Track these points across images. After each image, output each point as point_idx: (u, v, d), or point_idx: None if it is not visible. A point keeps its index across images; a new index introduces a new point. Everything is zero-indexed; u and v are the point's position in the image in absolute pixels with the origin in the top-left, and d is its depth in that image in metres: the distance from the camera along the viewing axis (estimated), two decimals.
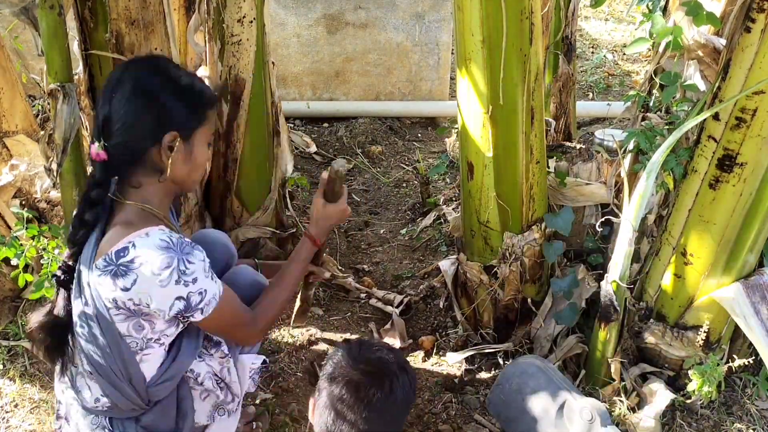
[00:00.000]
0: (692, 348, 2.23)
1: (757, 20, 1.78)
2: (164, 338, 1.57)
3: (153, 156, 1.48)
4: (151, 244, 1.42)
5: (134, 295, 1.44)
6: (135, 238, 1.43)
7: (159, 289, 1.43)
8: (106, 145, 1.45)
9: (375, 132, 4.40)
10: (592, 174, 2.66)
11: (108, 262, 1.43)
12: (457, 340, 2.60)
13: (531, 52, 2.08)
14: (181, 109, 1.49)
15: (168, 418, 1.66)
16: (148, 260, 1.41)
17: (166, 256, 1.42)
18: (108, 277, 1.43)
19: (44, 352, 1.61)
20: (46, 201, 2.54)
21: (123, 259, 1.41)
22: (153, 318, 1.50)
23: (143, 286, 1.42)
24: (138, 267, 1.41)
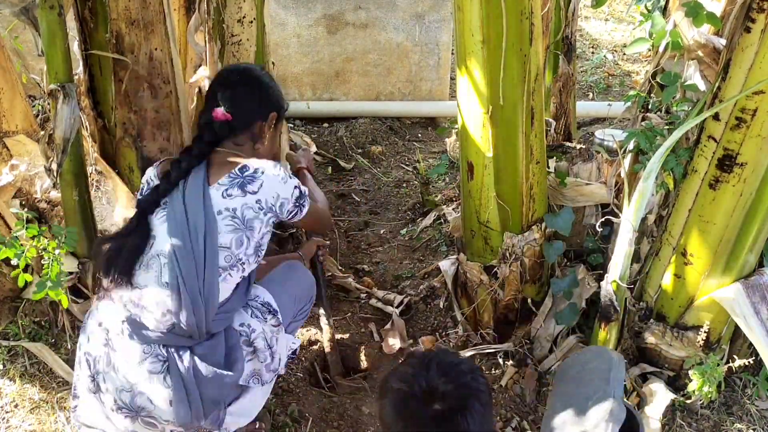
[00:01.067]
0: (692, 348, 2.23)
1: (757, 20, 1.78)
2: (247, 264, 1.82)
3: (257, 127, 1.94)
4: (261, 161, 1.85)
5: (261, 197, 1.79)
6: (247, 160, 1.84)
7: (282, 185, 1.83)
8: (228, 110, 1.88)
9: (375, 132, 4.40)
10: (592, 174, 2.66)
11: (234, 176, 1.79)
12: (457, 340, 2.60)
13: (531, 52, 2.08)
14: (282, 100, 2.04)
15: (218, 354, 1.79)
16: (267, 168, 1.82)
17: (276, 165, 1.86)
18: (236, 188, 1.78)
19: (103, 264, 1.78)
20: (46, 201, 2.54)
21: (247, 172, 1.80)
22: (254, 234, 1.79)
23: (269, 187, 1.80)
24: (262, 174, 1.80)
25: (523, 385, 2.42)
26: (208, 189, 1.78)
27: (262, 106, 1.96)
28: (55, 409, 2.31)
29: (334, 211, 3.58)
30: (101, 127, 2.50)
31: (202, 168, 1.83)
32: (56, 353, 2.46)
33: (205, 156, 1.87)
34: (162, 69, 2.39)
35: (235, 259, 1.78)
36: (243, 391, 1.87)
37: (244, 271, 1.83)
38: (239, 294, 1.86)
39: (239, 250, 1.77)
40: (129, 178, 2.55)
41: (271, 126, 1.98)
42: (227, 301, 1.81)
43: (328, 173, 3.99)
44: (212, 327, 1.78)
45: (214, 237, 1.74)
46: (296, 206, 1.90)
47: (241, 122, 1.91)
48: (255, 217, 1.78)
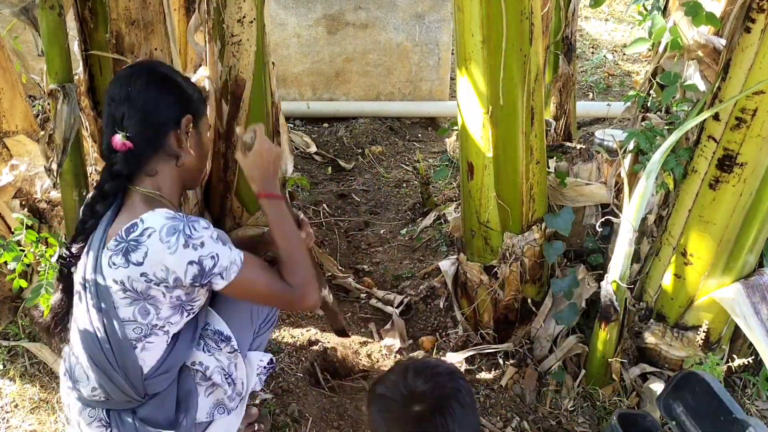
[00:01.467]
0: (692, 348, 2.23)
1: (757, 20, 1.78)
2: (169, 326, 1.59)
3: (171, 141, 1.59)
4: (157, 216, 1.49)
5: (148, 269, 1.47)
6: (143, 215, 1.50)
7: (169, 257, 1.46)
8: (127, 136, 1.54)
9: (375, 132, 4.40)
10: (592, 174, 2.66)
11: (119, 240, 1.48)
12: (457, 341, 2.60)
13: (531, 52, 2.08)
14: (191, 95, 1.64)
15: (166, 411, 1.66)
16: (155, 229, 1.46)
17: (172, 224, 1.47)
18: (120, 256, 1.47)
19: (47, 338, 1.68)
20: (46, 201, 2.54)
21: (133, 234, 1.47)
22: (159, 303, 1.53)
23: (155, 257, 1.46)
24: (147, 239, 1.46)
25: (523, 385, 2.42)
26: (102, 254, 1.51)
27: (167, 115, 1.58)
28: (55, 409, 2.31)
29: (334, 211, 3.58)
30: (101, 127, 2.50)
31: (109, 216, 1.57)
32: (56, 353, 2.46)
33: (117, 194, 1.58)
34: None
35: (148, 327, 1.55)
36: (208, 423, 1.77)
37: (169, 333, 1.61)
38: (180, 348, 1.66)
39: (147, 319, 1.54)
40: None
41: (188, 131, 1.61)
42: (162, 362, 1.62)
43: (328, 173, 3.99)
44: (150, 389, 1.64)
45: (111, 316, 1.52)
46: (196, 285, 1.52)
47: (148, 146, 1.57)
48: (149, 288, 1.50)
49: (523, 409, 2.36)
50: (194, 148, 1.64)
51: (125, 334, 1.54)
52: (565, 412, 2.32)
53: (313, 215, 3.52)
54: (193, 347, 1.70)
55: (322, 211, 3.55)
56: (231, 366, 1.76)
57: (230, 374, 1.76)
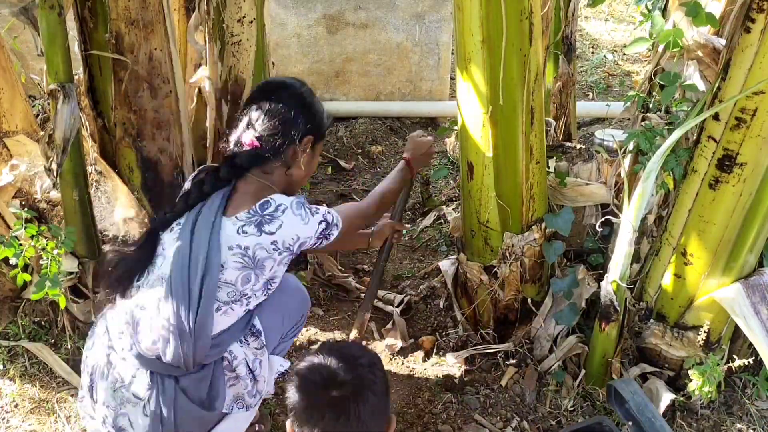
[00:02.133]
0: (692, 348, 2.23)
1: (756, 20, 1.77)
2: (253, 299, 1.77)
3: (290, 152, 1.82)
4: (283, 197, 1.75)
5: (278, 238, 1.69)
6: (270, 195, 1.74)
7: (303, 227, 1.73)
8: (258, 136, 1.78)
9: (375, 132, 4.40)
10: (592, 174, 2.66)
11: (252, 213, 1.70)
12: (457, 340, 2.60)
13: (531, 52, 2.08)
14: (321, 122, 1.91)
15: (201, 389, 1.74)
16: (287, 206, 1.72)
17: (297, 200, 1.75)
18: (252, 226, 1.68)
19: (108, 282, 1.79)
20: (46, 201, 2.54)
21: (268, 210, 1.70)
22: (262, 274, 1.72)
23: (288, 228, 1.70)
24: (281, 213, 1.70)
25: (523, 385, 2.42)
26: (222, 220, 1.70)
27: (295, 131, 1.81)
28: (55, 409, 2.31)
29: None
30: (101, 127, 2.50)
31: (222, 194, 1.76)
32: (56, 353, 2.46)
33: (230, 181, 1.80)
34: (162, 69, 2.39)
35: (240, 294, 1.72)
36: (225, 416, 1.82)
37: (249, 305, 1.78)
38: (238, 326, 1.80)
39: (245, 286, 1.72)
40: (129, 178, 2.55)
41: (305, 150, 1.85)
42: (224, 332, 1.76)
43: (328, 173, 3.99)
44: (204, 360, 1.73)
45: (213, 274, 1.67)
46: (319, 239, 1.81)
47: (271, 150, 1.79)
48: (268, 257, 1.70)
49: (523, 409, 2.36)
50: (305, 165, 1.87)
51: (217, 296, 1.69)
52: (565, 412, 2.32)
53: None
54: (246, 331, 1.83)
55: None
56: (256, 362, 1.83)
57: (253, 370, 1.83)
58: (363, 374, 1.34)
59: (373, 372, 1.36)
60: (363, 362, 1.36)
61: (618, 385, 1.72)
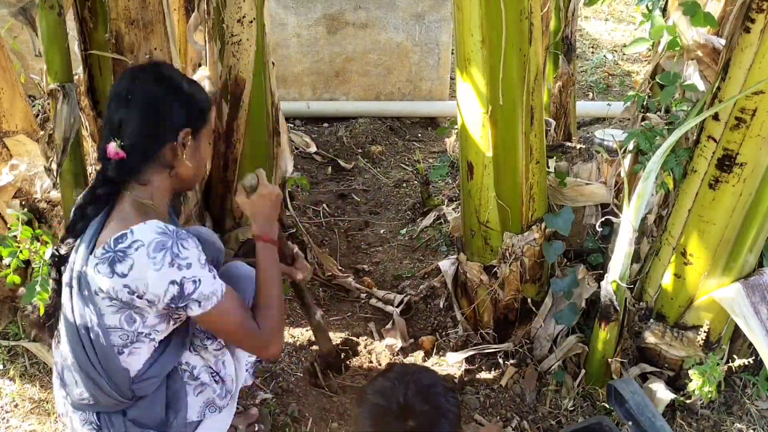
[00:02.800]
0: (692, 348, 2.23)
1: (756, 20, 1.77)
2: (155, 334, 1.58)
3: (167, 152, 1.57)
4: (147, 229, 1.47)
5: (131, 282, 1.45)
6: (133, 226, 1.48)
7: (153, 273, 1.44)
8: (122, 144, 1.52)
9: (375, 132, 4.40)
10: (592, 174, 2.66)
11: (106, 249, 1.46)
12: (457, 340, 2.60)
13: (531, 52, 2.08)
14: (196, 106, 1.61)
15: (155, 412, 1.66)
16: (144, 243, 1.45)
17: (161, 239, 1.46)
18: (106, 265, 1.45)
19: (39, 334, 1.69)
20: (46, 201, 2.54)
21: (121, 245, 1.45)
22: (145, 312, 1.52)
23: (139, 271, 1.45)
24: (135, 252, 1.45)
25: (523, 385, 2.42)
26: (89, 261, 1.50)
27: (167, 127, 1.56)
28: (55, 409, 2.31)
29: (334, 211, 3.58)
30: (101, 126, 2.50)
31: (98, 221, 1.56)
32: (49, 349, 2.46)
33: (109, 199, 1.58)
34: None
35: (134, 335, 1.54)
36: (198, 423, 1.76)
37: (155, 340, 1.59)
38: (168, 355, 1.65)
39: (133, 327, 1.53)
40: None
41: (185, 143, 1.58)
42: (150, 367, 1.62)
43: (328, 173, 3.99)
44: (139, 392, 1.63)
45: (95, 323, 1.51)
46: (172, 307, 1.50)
47: (141, 158, 1.55)
48: (133, 300, 1.48)
49: (523, 409, 2.36)
50: (190, 159, 1.61)
51: (110, 341, 1.53)
52: (565, 412, 2.32)
53: (313, 215, 3.52)
54: (182, 353, 1.69)
55: (322, 211, 3.55)
56: (218, 363, 1.75)
57: (218, 372, 1.76)
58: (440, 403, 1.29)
59: (449, 401, 1.31)
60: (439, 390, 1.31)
61: (618, 385, 1.72)
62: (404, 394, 1.28)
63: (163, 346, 1.64)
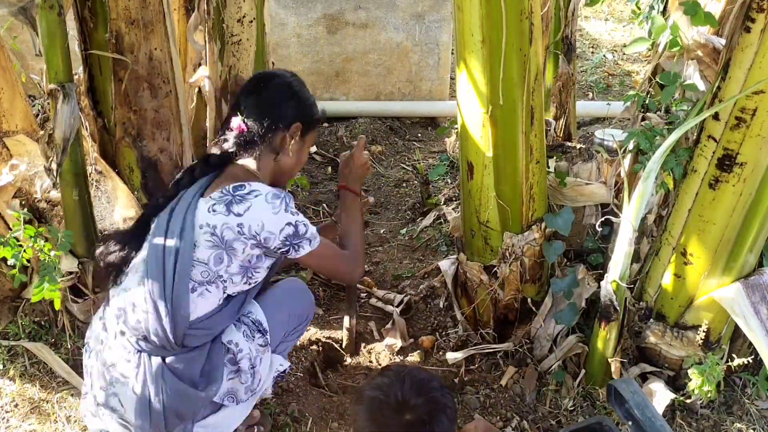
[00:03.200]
0: (692, 348, 2.23)
1: (756, 20, 1.77)
2: (229, 283, 1.74)
3: (278, 138, 1.82)
4: (263, 185, 1.73)
5: (245, 221, 1.66)
6: (249, 181, 1.73)
7: (272, 216, 1.68)
8: (245, 120, 1.79)
9: (375, 132, 4.40)
10: (592, 174, 2.66)
11: (224, 193, 1.69)
12: (457, 340, 2.60)
13: (531, 52, 2.08)
14: (311, 110, 1.91)
15: (194, 368, 1.74)
16: (262, 193, 1.69)
17: (276, 192, 1.72)
18: (222, 205, 1.67)
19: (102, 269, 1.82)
20: (46, 201, 2.54)
21: (240, 192, 1.69)
22: (235, 256, 1.70)
23: (256, 212, 1.67)
24: (253, 197, 1.68)
25: (523, 385, 2.42)
26: (198, 200, 1.71)
27: (283, 116, 1.82)
28: (55, 409, 2.31)
29: (334, 211, 3.58)
30: (101, 126, 2.50)
31: (208, 178, 1.79)
32: (56, 353, 2.46)
33: (219, 166, 1.81)
34: (162, 69, 2.39)
35: (214, 275, 1.71)
36: (217, 407, 1.83)
37: (227, 290, 1.76)
38: (227, 312, 1.79)
39: (218, 267, 1.71)
40: (129, 177, 2.55)
41: (294, 137, 1.85)
42: (208, 317, 1.75)
43: (328, 173, 3.99)
44: (188, 341, 1.74)
45: (186, 250, 1.67)
46: (286, 245, 1.74)
47: (259, 134, 1.80)
48: (235, 239, 1.69)
49: (523, 409, 2.36)
50: (294, 153, 1.86)
51: (191, 274, 1.69)
52: (565, 412, 2.32)
53: (313, 215, 3.52)
54: (235, 318, 1.83)
55: (322, 211, 3.55)
56: (257, 358, 1.84)
57: (254, 366, 1.83)
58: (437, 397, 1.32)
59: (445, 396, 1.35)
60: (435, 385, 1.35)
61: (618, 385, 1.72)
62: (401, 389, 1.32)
63: (225, 303, 1.78)
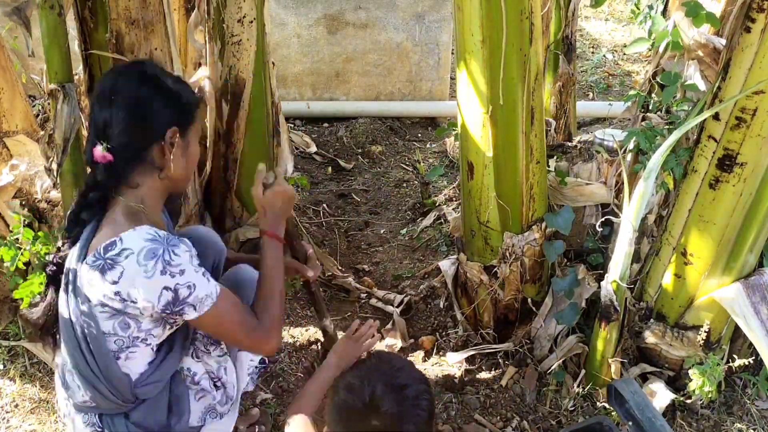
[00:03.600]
0: (692, 348, 2.23)
1: (756, 20, 1.77)
2: (151, 338, 1.57)
3: (154, 153, 1.53)
4: (137, 236, 1.45)
5: (122, 289, 1.44)
6: (123, 233, 1.46)
7: (145, 281, 1.43)
8: (109, 147, 1.48)
9: (375, 132, 4.40)
10: (592, 174, 2.66)
11: (97, 257, 1.45)
12: (457, 340, 2.60)
13: (531, 52, 2.08)
14: (180, 103, 1.57)
15: (158, 415, 1.65)
16: (134, 251, 1.43)
17: (151, 247, 1.43)
18: (96, 272, 1.44)
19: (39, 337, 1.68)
20: (46, 201, 2.53)
21: (110, 253, 1.44)
22: (139, 317, 1.51)
23: (129, 279, 1.43)
24: (125, 260, 1.43)
25: (523, 385, 2.42)
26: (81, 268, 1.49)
27: (154, 127, 1.52)
28: (55, 409, 2.31)
29: (334, 211, 3.58)
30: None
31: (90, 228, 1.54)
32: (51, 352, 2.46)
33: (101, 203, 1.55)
34: None
35: (129, 340, 1.53)
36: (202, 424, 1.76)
37: (152, 345, 1.58)
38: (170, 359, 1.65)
39: (128, 332, 1.52)
40: None
41: (173, 143, 1.54)
42: (152, 372, 1.62)
43: (328, 173, 3.99)
44: (141, 395, 1.63)
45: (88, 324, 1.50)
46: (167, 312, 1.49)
47: (128, 160, 1.51)
48: (126, 307, 1.47)
49: (523, 409, 2.36)
50: (180, 159, 1.57)
51: (107, 346, 1.53)
52: (565, 412, 2.32)
53: (313, 215, 3.52)
54: (184, 355, 1.69)
55: (322, 211, 3.55)
56: (220, 370, 1.75)
57: (219, 378, 1.75)
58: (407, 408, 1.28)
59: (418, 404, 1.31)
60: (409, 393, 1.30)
61: (618, 385, 1.72)
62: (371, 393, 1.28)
63: (165, 349, 1.64)
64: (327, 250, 3.18)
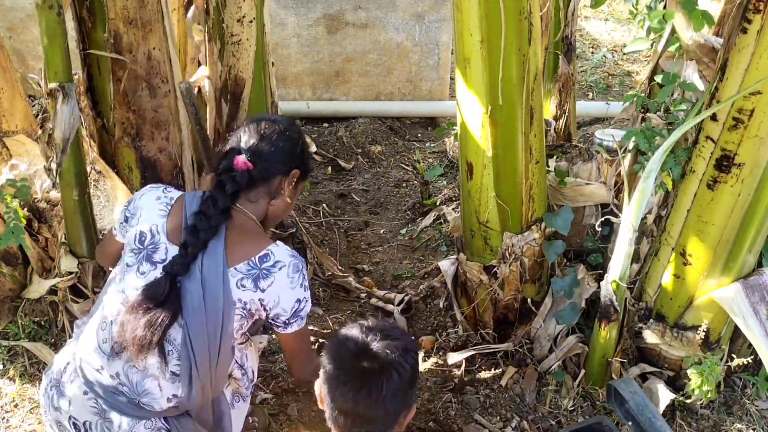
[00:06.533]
0: (692, 348, 2.23)
1: (753, 21, 1.77)
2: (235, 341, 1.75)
3: (277, 182, 1.76)
4: (284, 251, 1.66)
5: (266, 296, 1.62)
6: (269, 246, 1.66)
7: (289, 291, 1.64)
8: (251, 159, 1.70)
9: (375, 132, 4.40)
10: (592, 174, 2.66)
11: (251, 266, 1.62)
12: (457, 340, 2.60)
13: (530, 52, 2.08)
14: (309, 160, 1.87)
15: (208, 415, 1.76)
16: (285, 264, 1.64)
17: (296, 262, 1.65)
18: (250, 280, 1.61)
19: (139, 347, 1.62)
20: (46, 201, 2.54)
21: (266, 264, 1.63)
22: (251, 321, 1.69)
23: (276, 288, 1.62)
24: (278, 271, 1.62)
25: (523, 385, 2.42)
26: (227, 272, 1.62)
27: (285, 161, 1.77)
28: None
29: (334, 211, 3.58)
30: (100, 126, 2.50)
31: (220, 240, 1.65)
32: (56, 353, 2.46)
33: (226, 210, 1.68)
34: (160, 68, 2.39)
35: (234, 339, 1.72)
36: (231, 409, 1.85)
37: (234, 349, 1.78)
38: None
39: (238, 333, 1.71)
40: (128, 177, 2.54)
41: (291, 183, 1.79)
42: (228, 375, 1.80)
43: (328, 173, 3.99)
44: None
45: (229, 328, 1.65)
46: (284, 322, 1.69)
47: (261, 174, 1.73)
48: (256, 311, 1.67)
49: (523, 409, 2.36)
50: (288, 197, 1.80)
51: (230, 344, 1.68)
52: (565, 412, 2.32)
53: (313, 215, 3.52)
54: None
55: (322, 211, 3.55)
56: (243, 357, 1.84)
57: (242, 365, 1.84)
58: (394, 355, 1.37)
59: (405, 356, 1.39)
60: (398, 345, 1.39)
61: (618, 385, 1.72)
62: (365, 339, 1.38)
63: None
64: (327, 250, 3.18)
